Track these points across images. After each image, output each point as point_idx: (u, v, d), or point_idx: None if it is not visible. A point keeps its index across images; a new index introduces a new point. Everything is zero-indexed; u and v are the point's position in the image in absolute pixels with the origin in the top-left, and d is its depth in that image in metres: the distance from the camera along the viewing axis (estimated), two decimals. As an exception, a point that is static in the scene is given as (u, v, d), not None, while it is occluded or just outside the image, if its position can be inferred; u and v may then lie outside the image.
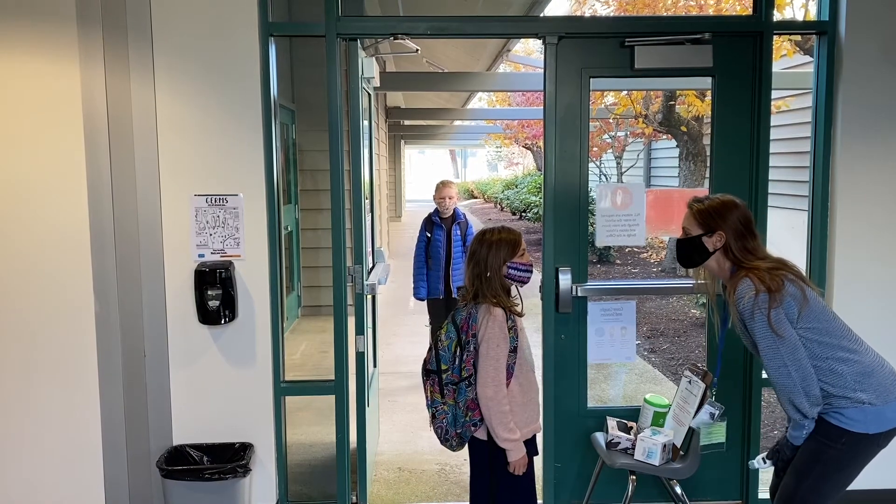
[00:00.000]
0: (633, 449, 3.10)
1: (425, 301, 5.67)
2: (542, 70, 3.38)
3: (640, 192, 3.48)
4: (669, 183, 14.74)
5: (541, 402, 2.93)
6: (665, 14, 8.80)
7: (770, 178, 3.38)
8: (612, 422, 3.26)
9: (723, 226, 2.49)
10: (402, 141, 21.98)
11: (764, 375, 3.02)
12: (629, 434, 3.16)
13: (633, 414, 3.35)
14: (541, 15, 6.73)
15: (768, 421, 4.78)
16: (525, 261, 2.67)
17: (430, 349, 2.68)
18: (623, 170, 15.75)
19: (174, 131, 3.18)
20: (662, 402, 3.25)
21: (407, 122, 19.50)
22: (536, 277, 2.96)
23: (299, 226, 7.92)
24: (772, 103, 3.39)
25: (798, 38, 6.91)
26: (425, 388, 2.68)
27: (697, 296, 7.27)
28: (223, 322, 3.19)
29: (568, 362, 3.47)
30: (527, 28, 3.56)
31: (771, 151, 3.41)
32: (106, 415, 3.06)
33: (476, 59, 10.40)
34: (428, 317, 5.85)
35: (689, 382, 3.10)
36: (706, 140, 9.54)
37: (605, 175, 15.76)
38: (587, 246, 3.46)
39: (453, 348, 2.60)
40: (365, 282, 3.44)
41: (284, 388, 3.40)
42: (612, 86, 9.51)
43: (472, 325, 2.59)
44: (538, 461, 3.06)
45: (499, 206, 24.28)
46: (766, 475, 3.19)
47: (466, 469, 3.18)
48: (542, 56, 3.38)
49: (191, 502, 3.03)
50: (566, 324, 3.44)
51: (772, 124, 3.41)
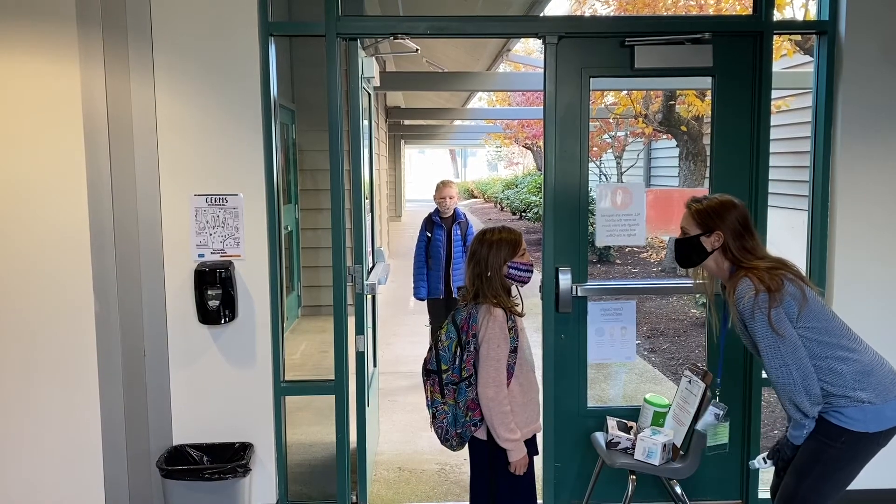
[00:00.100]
0: (633, 449, 3.10)
1: (425, 301, 5.67)
2: (542, 70, 3.38)
3: (640, 192, 3.48)
4: (669, 183, 14.74)
5: (541, 402, 2.93)
6: (665, 14, 8.80)
7: (770, 178, 3.38)
8: (612, 421, 3.26)
9: (721, 226, 2.48)
10: (402, 141, 21.99)
11: (764, 375, 3.01)
12: (629, 434, 3.16)
13: (633, 414, 3.35)
14: (541, 15, 6.73)
15: (768, 421, 4.78)
16: (525, 261, 2.67)
17: (431, 349, 2.68)
18: (623, 170, 15.75)
19: (174, 131, 3.18)
20: (662, 402, 3.25)
21: (407, 122, 19.50)
22: (536, 277, 2.96)
23: (299, 225, 7.92)
24: (772, 103, 3.39)
25: (798, 38, 6.90)
26: (425, 388, 2.69)
27: (697, 296, 7.28)
28: (223, 322, 3.19)
29: (568, 362, 3.47)
30: (527, 28, 3.56)
31: (771, 151, 3.41)
32: (106, 415, 3.06)
33: (476, 59, 10.40)
34: (428, 317, 5.84)
35: (689, 382, 3.10)
36: (706, 140, 9.54)
37: (605, 175, 15.76)
38: (587, 246, 3.46)
39: (453, 348, 2.60)
40: (365, 282, 3.44)
41: (284, 388, 3.40)
42: (612, 85, 9.52)
43: (473, 326, 2.59)
44: (538, 461, 3.06)
45: (499, 206, 24.28)
46: (767, 475, 3.19)
47: (466, 469, 3.18)
48: (542, 56, 3.38)
49: (191, 502, 3.03)
50: (566, 324, 3.44)
51: (772, 124, 3.41)
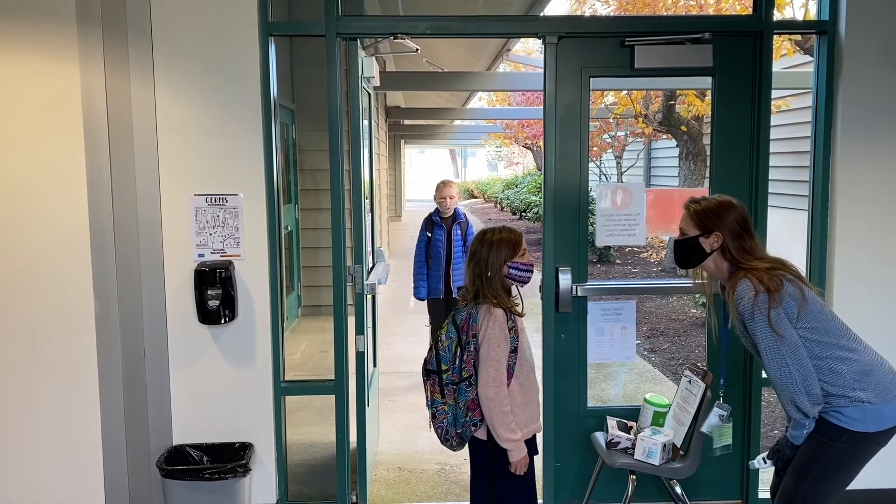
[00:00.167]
0: (633, 448, 3.10)
1: (425, 301, 5.67)
2: (542, 70, 3.38)
3: (640, 192, 3.48)
4: (669, 183, 14.74)
5: (541, 402, 2.93)
6: (665, 13, 8.80)
7: (770, 178, 3.38)
8: (612, 421, 3.26)
9: (720, 226, 2.48)
10: (402, 140, 21.99)
11: (764, 375, 3.01)
12: (629, 434, 3.16)
13: (633, 414, 3.35)
14: (541, 15, 6.72)
15: (768, 421, 4.78)
16: (526, 261, 2.67)
17: (431, 349, 2.67)
18: (623, 169, 15.75)
19: (174, 131, 3.18)
20: (662, 402, 3.25)
21: (407, 122, 19.50)
22: (536, 277, 2.96)
23: (299, 225, 7.92)
24: (772, 103, 3.39)
25: (798, 38, 6.90)
26: (426, 388, 2.68)
27: (697, 295, 7.28)
28: (223, 322, 3.19)
29: (568, 362, 3.47)
30: (527, 28, 3.56)
31: (771, 151, 3.41)
32: (106, 415, 3.06)
33: (476, 59, 10.40)
34: (428, 316, 5.84)
35: (689, 382, 3.10)
36: (706, 140, 9.54)
37: (605, 175, 15.76)
38: (587, 246, 3.46)
39: (454, 348, 2.60)
40: (365, 281, 3.44)
41: (284, 388, 3.40)
42: (612, 85, 9.51)
43: (473, 326, 2.59)
44: (538, 461, 3.06)
45: (499, 206, 24.27)
46: (767, 475, 3.20)
47: (466, 469, 3.18)
48: (542, 56, 3.38)
49: (191, 502, 3.03)
50: (566, 323, 3.44)
51: (772, 124, 3.41)
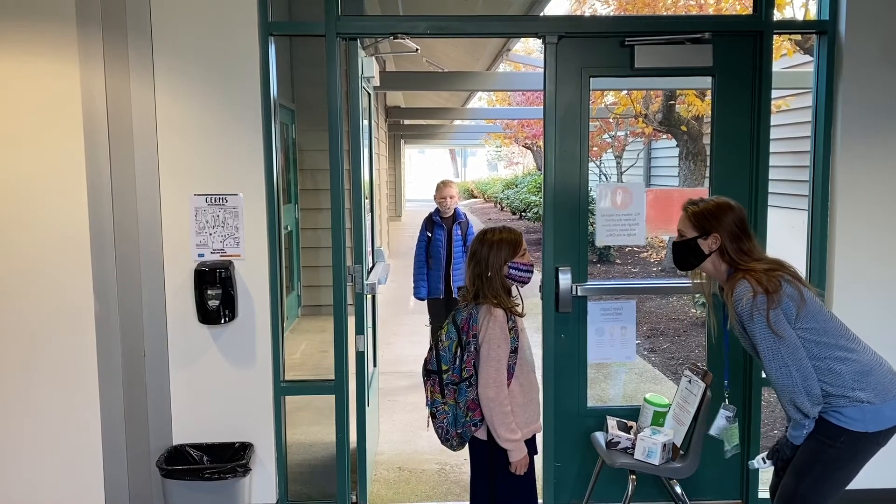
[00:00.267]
0: (633, 448, 3.10)
1: (425, 301, 5.68)
2: (542, 70, 3.38)
3: (640, 192, 3.48)
4: (669, 182, 14.74)
5: (541, 402, 2.93)
6: (665, 13, 8.80)
7: (770, 178, 3.38)
8: (612, 421, 3.26)
9: (718, 228, 2.48)
10: (402, 140, 21.99)
11: (764, 375, 3.01)
12: (629, 433, 3.16)
13: (633, 413, 3.35)
14: (541, 14, 6.72)
15: (768, 421, 4.78)
16: (526, 261, 2.67)
17: (431, 349, 2.67)
18: (623, 169, 15.74)
19: (174, 131, 3.18)
20: (662, 402, 3.25)
21: (407, 122, 19.50)
22: (536, 277, 2.96)
23: (299, 225, 7.92)
24: (772, 103, 3.39)
25: (798, 38, 6.90)
26: (426, 388, 2.68)
27: (697, 295, 7.28)
28: (223, 322, 3.19)
29: (568, 362, 3.47)
30: (527, 27, 3.56)
31: (771, 151, 3.41)
32: (106, 415, 3.06)
33: (476, 59, 10.40)
34: (428, 316, 5.84)
35: (689, 382, 3.10)
36: (706, 139, 9.54)
37: (605, 175, 15.76)
38: (587, 245, 3.46)
39: (454, 349, 2.60)
40: (365, 281, 3.44)
41: (284, 388, 3.40)
42: (612, 85, 9.51)
43: (473, 326, 2.59)
44: (538, 461, 3.06)
45: (499, 206, 24.27)
46: (766, 475, 3.20)
47: (466, 469, 3.18)
48: (542, 55, 3.38)
49: (191, 502, 3.03)
50: (566, 323, 3.44)
51: (772, 124, 3.41)
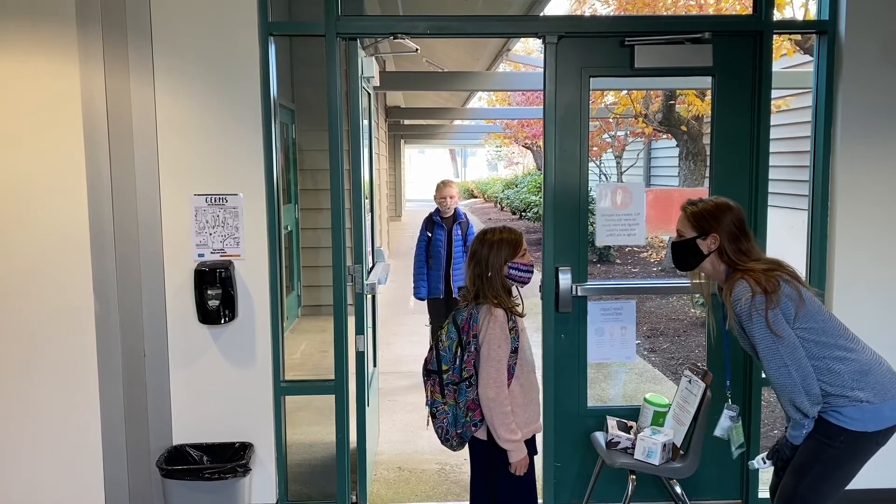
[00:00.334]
0: (633, 448, 3.10)
1: (425, 301, 5.68)
2: (542, 69, 3.38)
3: (640, 192, 3.48)
4: (669, 182, 14.73)
5: (541, 402, 2.93)
6: (665, 13, 8.80)
7: (770, 178, 3.38)
8: (612, 421, 3.26)
9: (717, 228, 2.49)
10: (402, 140, 21.99)
11: (763, 375, 3.02)
12: (629, 433, 3.16)
13: (633, 413, 3.35)
14: (541, 14, 6.72)
15: (768, 421, 4.78)
16: (526, 261, 2.67)
17: (431, 349, 2.67)
18: (623, 169, 15.74)
19: (174, 131, 3.18)
20: (662, 402, 3.25)
21: (407, 122, 19.50)
22: (536, 277, 2.96)
23: (299, 225, 7.92)
24: (772, 103, 3.39)
25: (798, 38, 6.90)
26: (426, 388, 2.68)
27: (697, 295, 7.28)
28: (223, 322, 3.19)
29: (568, 362, 3.47)
30: (527, 27, 3.56)
31: (771, 151, 3.41)
32: (106, 415, 3.06)
33: (476, 59, 10.40)
34: (428, 316, 5.84)
35: (689, 382, 3.10)
36: (706, 139, 9.54)
37: (605, 175, 15.76)
38: (587, 245, 3.46)
39: (454, 349, 2.60)
40: (365, 281, 3.44)
41: (284, 388, 3.40)
42: (612, 85, 9.50)
43: (473, 326, 2.59)
44: (538, 461, 3.06)
45: (499, 206, 24.27)
46: (766, 475, 3.20)
47: (466, 469, 3.18)
48: (542, 55, 3.38)
49: (191, 502, 3.03)
50: (566, 323, 3.44)
51: (772, 124, 3.41)
